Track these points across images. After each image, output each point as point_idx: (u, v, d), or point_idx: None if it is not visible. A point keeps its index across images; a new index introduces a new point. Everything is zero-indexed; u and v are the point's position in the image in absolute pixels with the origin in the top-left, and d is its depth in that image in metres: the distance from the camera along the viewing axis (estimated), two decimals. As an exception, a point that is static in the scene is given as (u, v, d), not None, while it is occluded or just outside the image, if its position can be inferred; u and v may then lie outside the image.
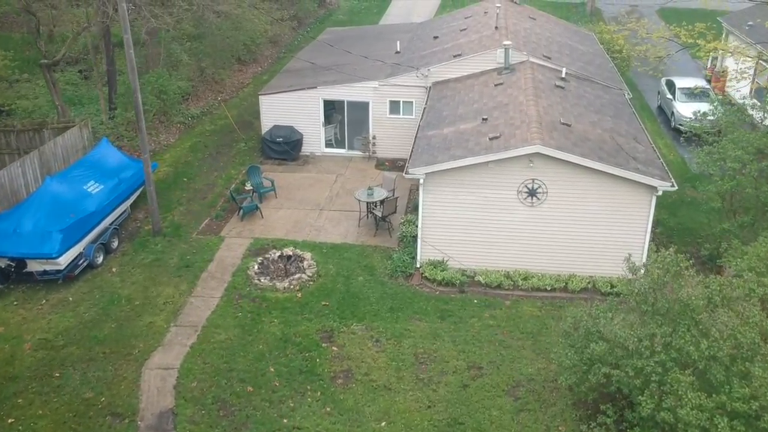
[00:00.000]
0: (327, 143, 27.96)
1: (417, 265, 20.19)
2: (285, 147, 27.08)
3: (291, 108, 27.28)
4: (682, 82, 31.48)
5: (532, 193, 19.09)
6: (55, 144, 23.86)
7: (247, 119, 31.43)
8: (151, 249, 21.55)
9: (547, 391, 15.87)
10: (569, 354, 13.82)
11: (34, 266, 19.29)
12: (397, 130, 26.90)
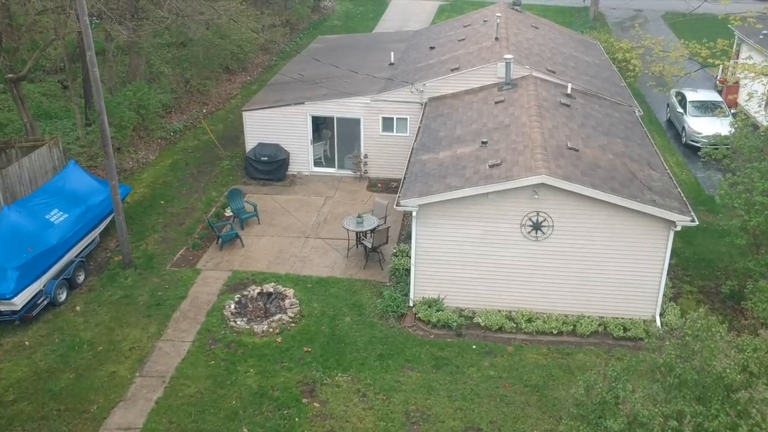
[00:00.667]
0: (316, 162, 26.16)
1: (410, 304, 18.39)
2: (270, 166, 25.26)
3: (277, 125, 25.47)
4: (693, 95, 29.67)
5: (536, 227, 17.29)
6: (20, 166, 22.00)
7: (233, 134, 29.62)
8: (120, 283, 19.74)
9: (554, 457, 14.10)
10: (581, 429, 11.99)
11: (-13, 307, 17.51)
12: (390, 148, 25.09)
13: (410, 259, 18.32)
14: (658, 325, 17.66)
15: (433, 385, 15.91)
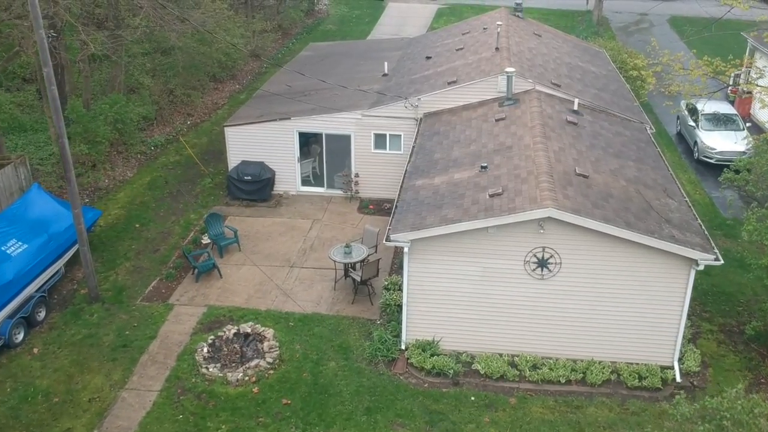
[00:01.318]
0: (304, 180, 24.40)
1: (402, 347, 16.64)
2: (254, 186, 23.49)
3: (261, 142, 23.71)
4: (705, 107, 27.89)
5: (542, 264, 15.55)
6: (-20, 188, 20.32)
7: (217, 148, 27.81)
8: (84, 321, 17.98)
9: None
10: None
11: (-68, 352, 15.77)
12: (382, 166, 23.34)
13: (403, 293, 16.56)
14: (677, 371, 15.92)
15: (427, 446, 14.20)
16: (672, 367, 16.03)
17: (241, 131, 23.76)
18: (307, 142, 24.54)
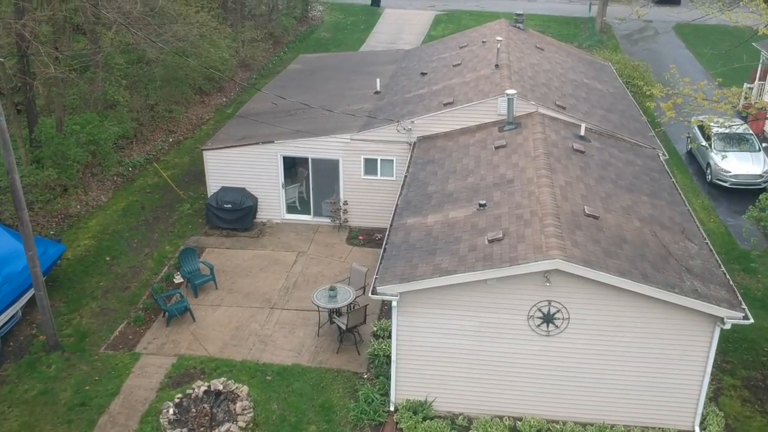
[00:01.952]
0: (289, 207, 22.69)
1: (391, 408, 14.92)
2: (235, 215, 21.78)
3: (243, 166, 21.98)
4: (719, 126, 26.13)
5: (548, 319, 13.83)
6: (-67, 221, 18.58)
7: (199, 168, 25.89)
8: (40, 373, 16.26)
9: None
10: None
11: None
12: (373, 194, 21.65)
13: (392, 348, 14.85)
14: (698, 437, 14.25)
15: None
16: (693, 433, 14.36)
17: (221, 155, 22.03)
18: (294, 164, 22.86)
